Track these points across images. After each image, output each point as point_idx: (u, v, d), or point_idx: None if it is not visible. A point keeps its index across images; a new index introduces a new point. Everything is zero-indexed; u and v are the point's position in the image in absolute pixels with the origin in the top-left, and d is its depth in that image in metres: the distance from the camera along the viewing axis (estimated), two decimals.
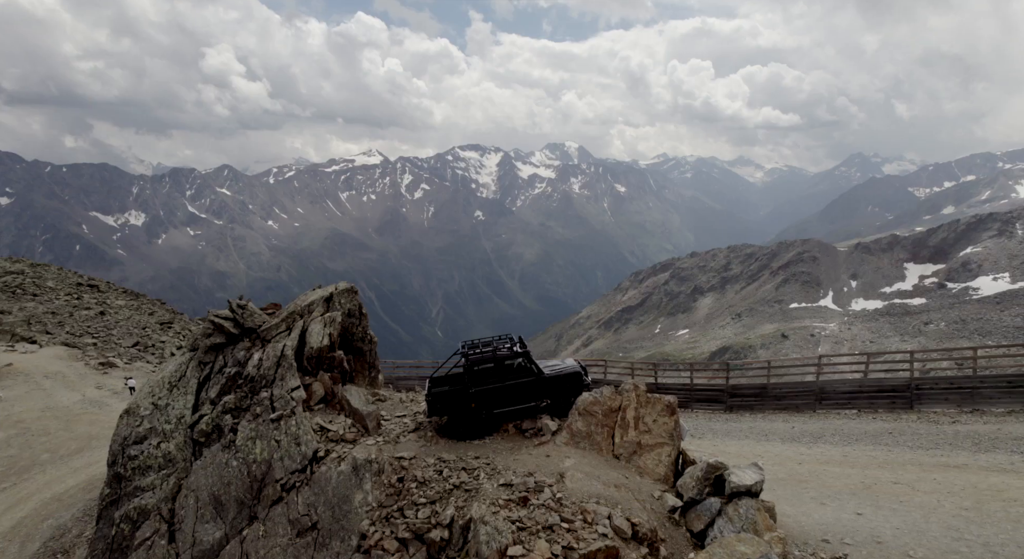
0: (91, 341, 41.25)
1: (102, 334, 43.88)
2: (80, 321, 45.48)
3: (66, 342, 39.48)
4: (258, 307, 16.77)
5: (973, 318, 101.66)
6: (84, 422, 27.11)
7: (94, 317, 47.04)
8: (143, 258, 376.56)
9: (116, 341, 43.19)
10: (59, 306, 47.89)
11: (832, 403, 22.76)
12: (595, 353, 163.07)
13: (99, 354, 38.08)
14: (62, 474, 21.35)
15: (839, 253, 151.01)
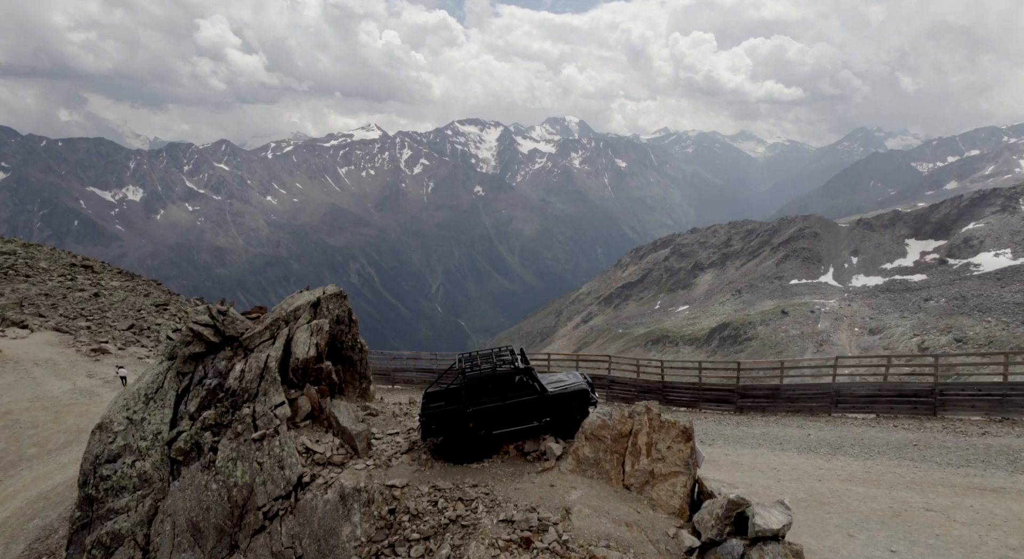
0: (85, 324, 40.30)
1: (96, 317, 42.93)
2: (74, 303, 44.46)
3: (58, 327, 38.38)
4: (245, 309, 15.63)
5: (973, 294, 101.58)
6: (73, 413, 26.17)
7: (88, 299, 46.01)
8: (142, 234, 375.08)
9: (111, 324, 42.25)
10: (52, 287, 46.82)
11: (849, 406, 21.26)
12: (595, 329, 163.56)
13: (91, 340, 37.09)
14: (49, 470, 20.41)
15: (840, 229, 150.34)
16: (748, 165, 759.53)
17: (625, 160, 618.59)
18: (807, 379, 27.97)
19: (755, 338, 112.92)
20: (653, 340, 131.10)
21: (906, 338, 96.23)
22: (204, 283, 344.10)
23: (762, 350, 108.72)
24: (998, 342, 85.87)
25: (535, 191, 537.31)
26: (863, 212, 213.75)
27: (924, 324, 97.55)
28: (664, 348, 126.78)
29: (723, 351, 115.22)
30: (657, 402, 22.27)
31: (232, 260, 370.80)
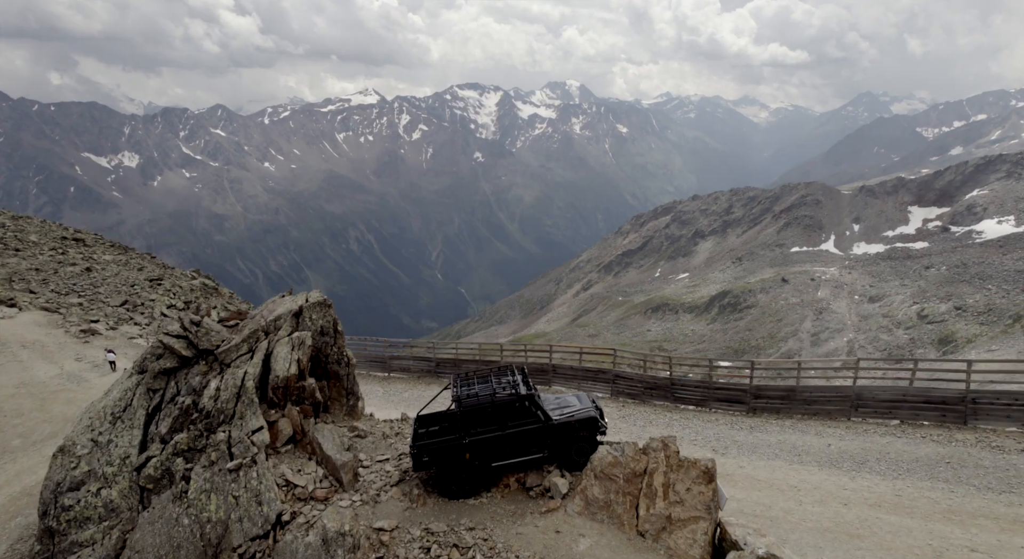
0: (77, 301, 39.24)
1: (88, 292, 41.70)
2: (65, 278, 43.12)
3: (47, 306, 37.02)
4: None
5: (974, 262, 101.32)
6: (60, 401, 24.94)
7: (80, 274, 44.59)
8: (140, 201, 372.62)
9: (103, 300, 41.19)
10: (43, 262, 45.24)
11: (870, 411, 19.69)
12: (594, 297, 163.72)
13: (81, 319, 35.87)
14: (34, 463, 19.28)
15: (843, 196, 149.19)
16: (751, 130, 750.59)
17: (626, 125, 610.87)
18: (815, 379, 26.69)
19: (755, 306, 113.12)
20: (653, 308, 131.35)
21: (905, 306, 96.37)
22: (204, 250, 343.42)
23: (761, 318, 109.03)
24: (997, 310, 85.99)
25: (535, 157, 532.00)
26: (866, 179, 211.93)
27: (924, 292, 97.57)
28: (664, 316, 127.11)
29: (723, 319, 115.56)
30: (666, 401, 21.71)
31: (231, 227, 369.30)
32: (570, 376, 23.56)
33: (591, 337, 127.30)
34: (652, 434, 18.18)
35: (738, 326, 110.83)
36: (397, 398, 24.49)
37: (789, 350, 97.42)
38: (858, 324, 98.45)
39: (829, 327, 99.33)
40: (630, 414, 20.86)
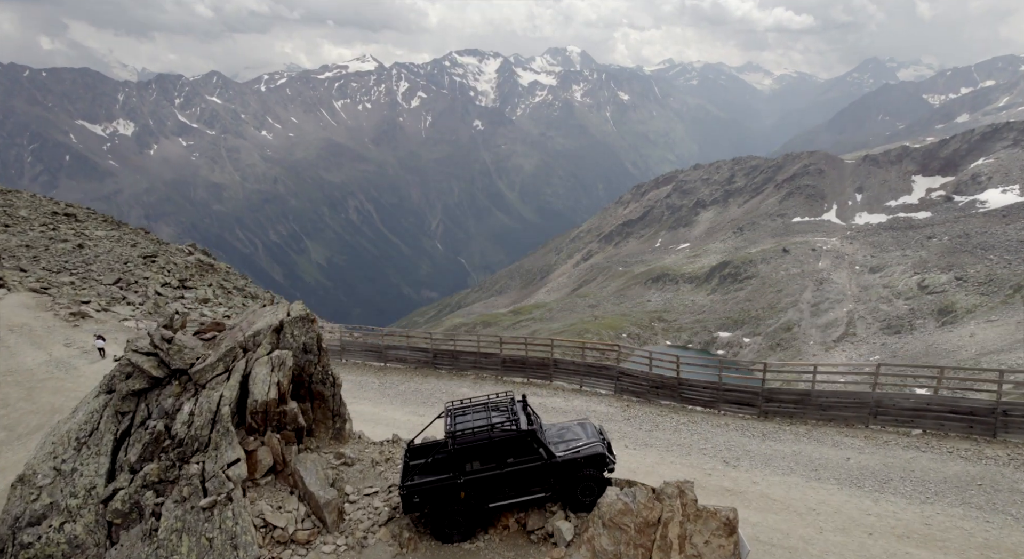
0: (68, 279, 37.98)
1: (81, 270, 40.36)
2: (57, 255, 41.62)
3: (35, 287, 35.46)
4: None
5: (977, 232, 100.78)
6: (48, 390, 24.14)
7: (72, 251, 43.06)
8: (136, 170, 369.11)
9: (96, 278, 39.94)
10: (34, 238, 43.70)
11: (890, 419, 18.43)
12: (595, 267, 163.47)
13: (71, 301, 34.51)
14: (20, 458, 18.52)
15: (846, 166, 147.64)
16: (753, 98, 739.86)
17: (628, 93, 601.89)
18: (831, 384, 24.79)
19: (755, 276, 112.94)
20: (653, 278, 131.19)
21: (906, 276, 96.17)
22: (202, 220, 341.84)
23: (762, 289, 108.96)
24: (998, 280, 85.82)
25: (535, 125, 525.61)
26: (870, 147, 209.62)
27: (925, 262, 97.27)
28: (664, 286, 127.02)
29: (723, 289, 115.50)
30: (672, 401, 20.72)
31: (229, 197, 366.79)
32: (572, 372, 23.04)
33: (591, 307, 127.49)
34: (659, 439, 17.73)
35: (738, 297, 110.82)
36: (393, 391, 23.66)
37: (788, 321, 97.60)
38: (858, 294, 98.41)
39: (829, 298, 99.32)
40: (635, 416, 20.01)
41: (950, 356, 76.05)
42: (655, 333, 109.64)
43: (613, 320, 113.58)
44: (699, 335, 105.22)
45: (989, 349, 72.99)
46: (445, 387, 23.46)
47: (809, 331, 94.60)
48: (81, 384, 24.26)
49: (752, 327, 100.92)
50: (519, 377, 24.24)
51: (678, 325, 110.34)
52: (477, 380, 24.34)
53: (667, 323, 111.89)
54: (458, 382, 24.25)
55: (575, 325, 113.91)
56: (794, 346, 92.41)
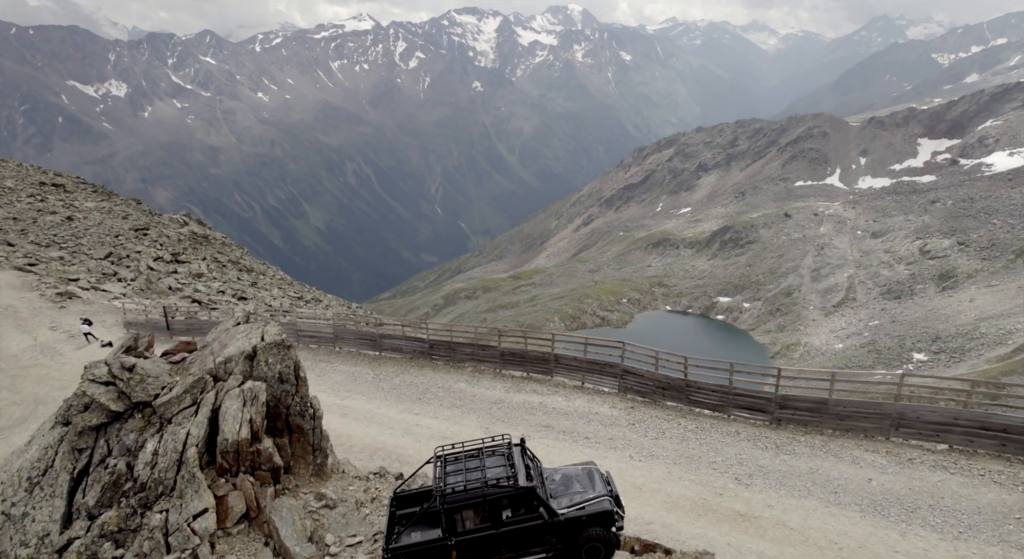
0: (58, 253, 36.72)
1: (71, 244, 39.00)
2: (45, 228, 40.12)
3: (21, 265, 34.01)
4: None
5: (981, 196, 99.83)
6: (32, 378, 23.08)
7: (61, 223, 41.65)
8: (131, 132, 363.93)
9: (86, 252, 38.65)
10: (21, 210, 42.23)
11: (913, 432, 17.25)
12: (595, 232, 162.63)
13: (58, 280, 33.22)
14: (0, 453, 17.78)
15: (850, 128, 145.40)
16: (758, 58, 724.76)
17: (630, 53, 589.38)
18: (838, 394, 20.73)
19: (756, 241, 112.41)
20: (653, 243, 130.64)
21: (908, 241, 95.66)
22: (200, 184, 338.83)
23: (763, 254, 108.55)
24: (1000, 244, 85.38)
25: (535, 86, 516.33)
26: (876, 109, 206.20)
27: (928, 227, 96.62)
28: (664, 251, 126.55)
29: (723, 254, 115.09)
30: (679, 403, 19.61)
31: (226, 160, 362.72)
32: (574, 368, 21.90)
33: (591, 272, 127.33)
34: (665, 449, 16.74)
35: (739, 262, 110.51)
36: (387, 384, 22.65)
37: (789, 286, 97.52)
38: (859, 259, 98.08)
39: (830, 263, 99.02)
40: (640, 420, 18.93)
41: (949, 321, 76.20)
42: (655, 298, 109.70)
43: (613, 285, 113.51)
44: (699, 300, 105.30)
45: (988, 314, 73.08)
46: (441, 381, 22.61)
47: (809, 296, 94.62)
48: (66, 372, 23.44)
49: (752, 292, 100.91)
50: (518, 371, 23.13)
51: (678, 290, 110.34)
52: (475, 373, 23.31)
53: (667, 288, 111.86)
54: (455, 375, 23.25)
55: (575, 290, 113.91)
56: (794, 311, 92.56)
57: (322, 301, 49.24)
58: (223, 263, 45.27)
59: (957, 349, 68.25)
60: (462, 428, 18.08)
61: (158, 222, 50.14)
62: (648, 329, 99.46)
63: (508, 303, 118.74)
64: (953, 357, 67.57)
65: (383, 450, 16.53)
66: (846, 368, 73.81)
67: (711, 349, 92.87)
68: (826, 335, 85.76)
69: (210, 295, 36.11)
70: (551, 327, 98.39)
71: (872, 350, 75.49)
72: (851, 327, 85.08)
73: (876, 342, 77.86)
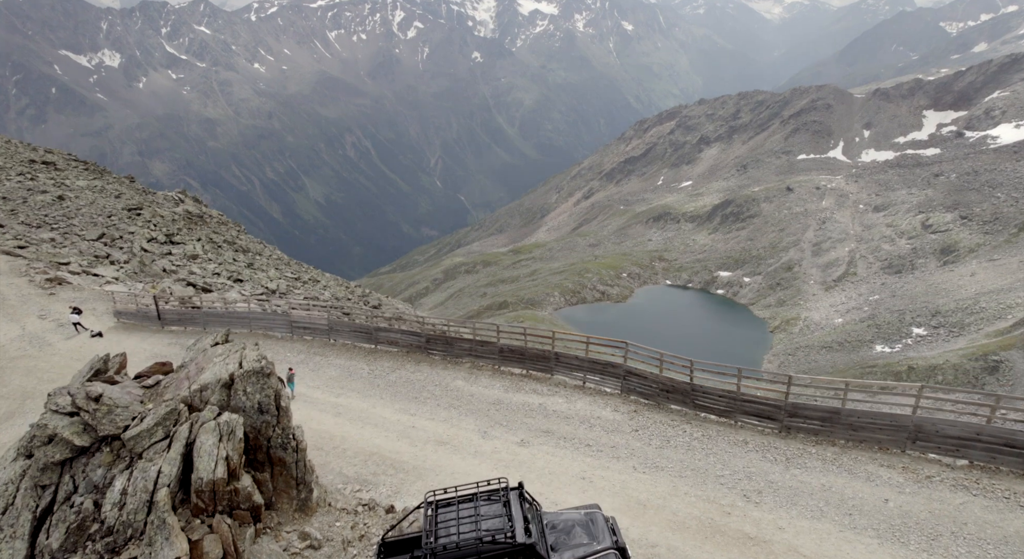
0: (49, 235, 35.40)
1: (62, 224, 37.70)
2: (36, 208, 38.73)
3: (9, 249, 32.75)
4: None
5: (986, 169, 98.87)
6: (20, 370, 22.07)
7: (52, 203, 40.10)
8: (126, 104, 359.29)
9: (78, 233, 37.36)
10: (11, 189, 40.67)
11: (932, 446, 16.32)
12: (596, 206, 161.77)
13: (48, 264, 32.03)
14: None
15: (855, 100, 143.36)
16: (762, 28, 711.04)
17: (632, 22, 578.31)
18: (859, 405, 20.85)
19: (757, 215, 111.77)
20: (654, 217, 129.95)
21: (910, 215, 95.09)
22: (197, 157, 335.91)
23: (764, 228, 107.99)
24: (1004, 218, 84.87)
25: (536, 57, 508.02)
26: (881, 80, 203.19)
27: (931, 201, 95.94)
28: (665, 225, 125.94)
29: (724, 228, 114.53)
30: (684, 407, 18.78)
31: (223, 133, 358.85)
32: (575, 366, 21.04)
33: (591, 246, 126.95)
34: (670, 459, 15.87)
35: (739, 236, 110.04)
36: (383, 381, 21.66)
37: (789, 260, 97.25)
38: (860, 234, 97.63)
39: (831, 237, 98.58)
40: (644, 425, 17.94)
41: (949, 295, 76.13)
42: (655, 273, 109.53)
43: (613, 260, 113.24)
44: (699, 275, 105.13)
45: (989, 289, 72.98)
46: (438, 378, 21.67)
47: (810, 271, 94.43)
48: (55, 364, 22.70)
49: (753, 267, 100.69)
50: (517, 368, 22.26)
51: (678, 265, 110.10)
52: (473, 370, 22.29)
53: (667, 263, 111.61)
54: (452, 372, 22.27)
55: (575, 264, 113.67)
56: (794, 286, 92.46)
57: (319, 281, 48.76)
58: (218, 244, 44.33)
59: (956, 324, 68.30)
60: (459, 431, 17.32)
61: (152, 201, 48.58)
62: (648, 304, 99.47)
63: (508, 277, 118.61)
64: (952, 332, 67.65)
65: (378, 455, 15.83)
66: (845, 342, 74.03)
67: (711, 324, 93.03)
68: (826, 310, 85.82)
69: (205, 278, 35.30)
70: (551, 302, 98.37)
71: (872, 325, 75.58)
72: (851, 302, 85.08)
73: (876, 317, 77.93)
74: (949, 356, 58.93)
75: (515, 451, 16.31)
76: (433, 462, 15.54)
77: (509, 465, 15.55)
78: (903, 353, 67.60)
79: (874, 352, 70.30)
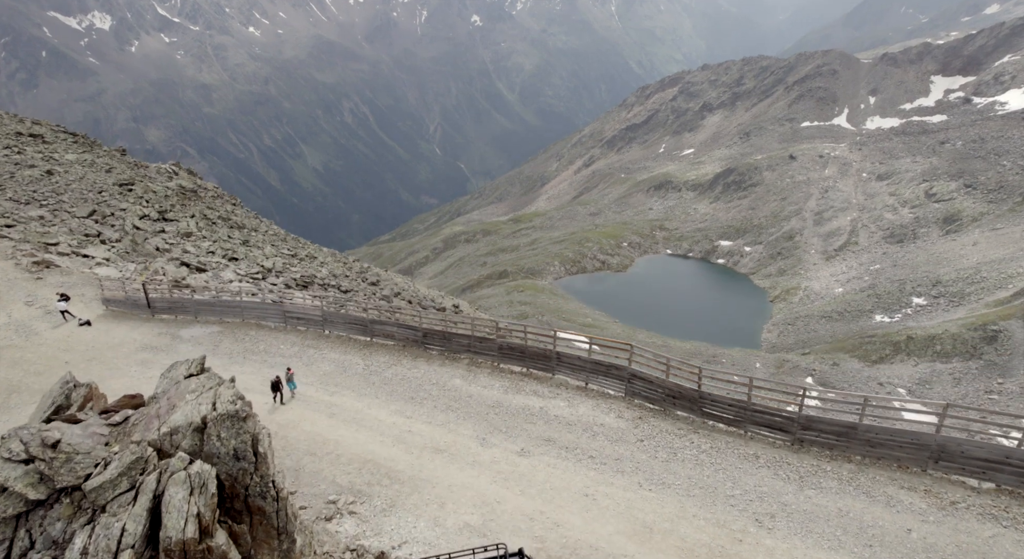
0: (38, 212, 33.95)
1: (51, 201, 36.11)
2: (24, 184, 37.05)
3: (6, 218, 31.57)
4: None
5: (992, 136, 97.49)
6: (5, 362, 21.00)
7: (40, 178, 38.35)
8: (119, 68, 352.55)
9: (68, 209, 35.80)
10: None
11: (956, 467, 15.28)
12: (596, 174, 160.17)
13: (36, 245, 30.56)
14: None
15: (861, 66, 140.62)
16: None
17: None
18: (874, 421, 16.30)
19: (759, 184, 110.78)
20: (655, 186, 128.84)
21: (914, 184, 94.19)
22: (193, 124, 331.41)
23: (766, 196, 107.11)
24: (1009, 187, 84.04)
25: (536, 21, 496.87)
26: (889, 44, 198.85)
27: (935, 169, 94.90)
28: (666, 194, 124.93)
29: (726, 197, 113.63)
30: (691, 414, 17.89)
31: (219, 98, 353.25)
32: (578, 367, 19.97)
33: (592, 215, 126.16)
34: (678, 475, 14.90)
35: (741, 205, 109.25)
36: (378, 378, 20.61)
37: (791, 229, 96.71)
38: (863, 203, 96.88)
39: (833, 206, 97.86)
40: (649, 435, 16.96)
41: (950, 265, 75.92)
42: (656, 242, 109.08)
43: (614, 229, 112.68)
44: (700, 244, 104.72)
45: (990, 258, 72.72)
46: (436, 376, 20.70)
47: (811, 240, 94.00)
48: (42, 355, 21.78)
49: (754, 236, 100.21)
50: (518, 366, 21.25)
51: (679, 234, 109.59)
52: (471, 367, 21.30)
53: (668, 232, 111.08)
54: (451, 369, 21.22)
55: (575, 233, 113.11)
56: (795, 255, 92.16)
57: (316, 257, 48.17)
58: (213, 220, 43.09)
59: (957, 293, 68.25)
60: (457, 438, 16.54)
61: (144, 175, 46.79)
62: (648, 273, 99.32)
63: (508, 247, 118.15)
64: (952, 301, 67.66)
65: (372, 462, 15.11)
66: (845, 312, 74.09)
67: (711, 294, 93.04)
68: (826, 279, 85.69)
69: (199, 257, 34.39)
70: (551, 271, 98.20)
71: (872, 295, 75.55)
72: (852, 271, 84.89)
73: (876, 286, 77.85)
74: (948, 326, 59.01)
75: (515, 462, 15.52)
76: (430, 472, 14.80)
77: (509, 478, 14.72)
78: (902, 323, 67.74)
79: (873, 322, 70.44)
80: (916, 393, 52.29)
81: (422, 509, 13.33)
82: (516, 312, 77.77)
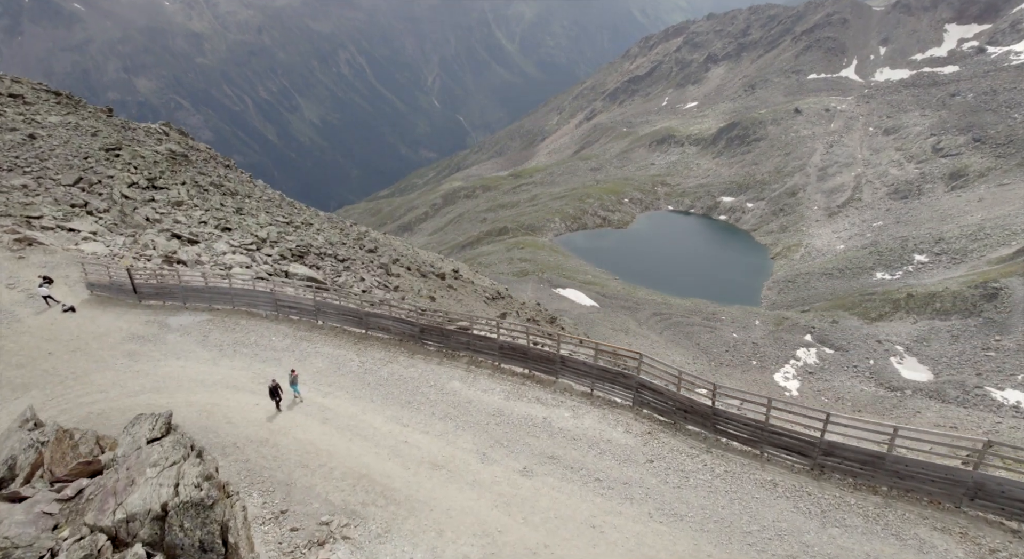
0: (21, 181, 32.00)
1: (35, 168, 34.17)
2: (5, 149, 34.92)
3: None
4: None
5: (1005, 88, 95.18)
6: None
7: (22, 143, 35.95)
8: (106, 15, 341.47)
9: (53, 177, 33.93)
10: None
11: (993, 507, 14.02)
12: (598, 128, 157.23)
13: (17, 221, 28.64)
14: None
15: (873, 14, 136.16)
16: None
17: None
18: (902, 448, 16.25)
19: (764, 139, 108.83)
20: (658, 140, 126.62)
21: (921, 139, 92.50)
22: (186, 74, 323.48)
23: (769, 151, 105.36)
24: (1018, 141, 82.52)
25: None
26: None
27: (944, 123, 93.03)
28: (669, 148, 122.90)
29: (729, 152, 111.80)
30: (703, 430, 16.79)
31: (211, 49, 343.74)
32: (583, 373, 18.87)
33: (593, 171, 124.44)
34: (690, 503, 13.95)
35: (744, 160, 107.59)
36: (373, 377, 19.52)
37: (794, 185, 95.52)
38: (868, 158, 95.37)
39: (838, 161, 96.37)
40: (659, 454, 15.93)
41: (954, 221, 75.26)
42: (657, 198, 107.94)
43: (615, 184, 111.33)
44: (702, 200, 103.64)
45: (995, 214, 71.99)
46: (433, 376, 19.55)
47: (814, 196, 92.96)
48: (25, 345, 20.45)
49: (756, 192, 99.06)
50: (520, 367, 20.20)
51: (681, 190, 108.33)
52: (471, 367, 20.28)
53: (670, 188, 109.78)
54: (449, 368, 20.12)
55: (576, 189, 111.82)
56: (797, 212, 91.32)
57: (312, 224, 47.21)
58: (205, 187, 41.39)
59: (960, 251, 67.84)
60: (456, 451, 15.65)
61: (132, 139, 44.52)
62: (649, 230, 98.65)
63: (508, 202, 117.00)
64: (954, 259, 67.33)
65: (367, 478, 14.19)
66: (846, 269, 73.86)
67: (712, 250, 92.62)
68: (828, 236, 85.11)
69: (191, 227, 33.02)
70: (552, 228, 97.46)
71: (874, 252, 75.16)
72: (854, 228, 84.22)
73: (878, 243, 77.37)
74: (949, 283, 58.87)
75: (517, 482, 14.52)
76: (427, 492, 13.93)
77: (511, 502, 13.77)
78: (903, 280, 67.59)
79: (874, 279, 70.28)
80: (913, 350, 52.57)
81: (419, 536, 12.46)
82: (516, 269, 77.51)
